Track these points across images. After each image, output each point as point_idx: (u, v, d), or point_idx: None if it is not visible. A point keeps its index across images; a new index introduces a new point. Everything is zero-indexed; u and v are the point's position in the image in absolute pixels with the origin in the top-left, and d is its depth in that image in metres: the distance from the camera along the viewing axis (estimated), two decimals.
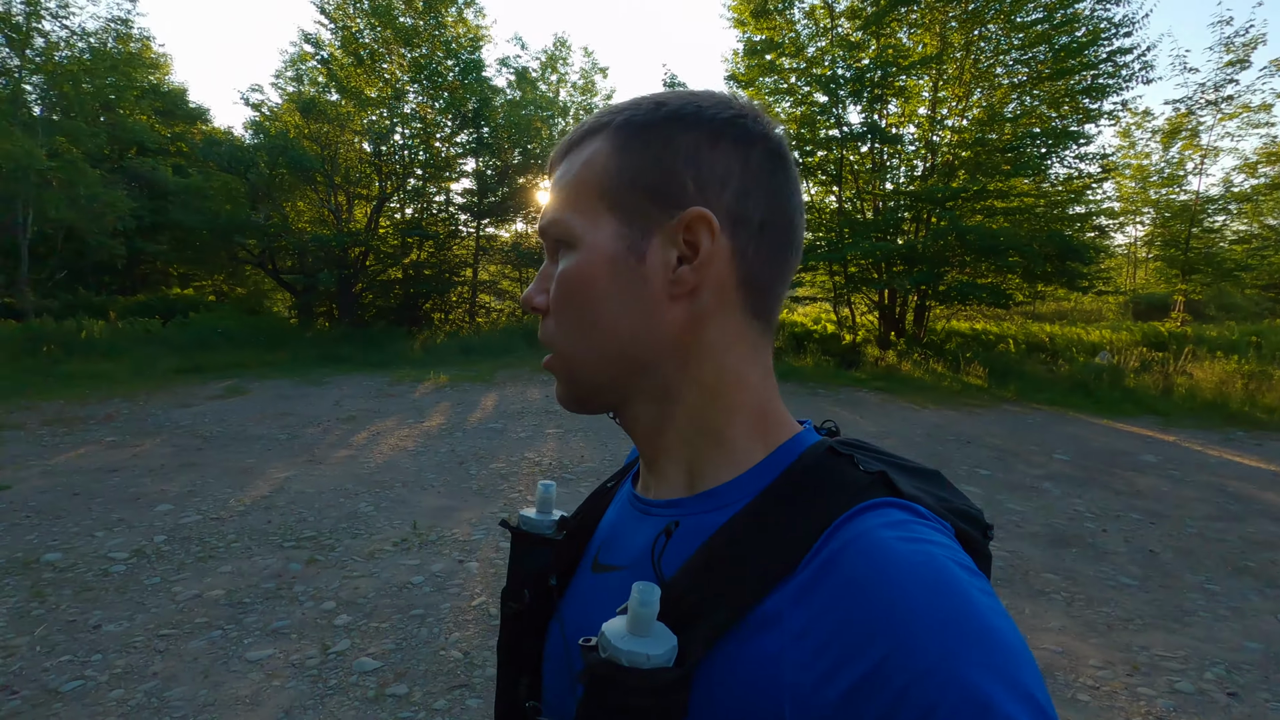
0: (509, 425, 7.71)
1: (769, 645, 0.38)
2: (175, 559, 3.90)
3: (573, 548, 0.58)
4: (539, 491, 0.63)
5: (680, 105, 0.49)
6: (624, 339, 0.48)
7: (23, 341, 12.26)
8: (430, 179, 18.40)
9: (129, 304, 17.45)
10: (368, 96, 16.96)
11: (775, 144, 0.50)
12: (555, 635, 0.55)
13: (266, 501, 4.91)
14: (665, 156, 0.47)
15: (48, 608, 3.31)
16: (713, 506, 0.47)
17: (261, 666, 2.84)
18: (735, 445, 0.49)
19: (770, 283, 0.50)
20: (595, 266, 0.48)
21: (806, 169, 14.17)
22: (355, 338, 15.58)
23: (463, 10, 17.87)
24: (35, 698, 2.61)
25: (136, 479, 5.43)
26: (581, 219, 0.49)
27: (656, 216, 0.47)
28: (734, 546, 0.43)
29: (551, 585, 0.56)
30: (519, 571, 0.59)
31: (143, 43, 20.46)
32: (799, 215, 0.51)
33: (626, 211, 0.48)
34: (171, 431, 7.27)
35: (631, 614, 0.39)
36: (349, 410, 8.53)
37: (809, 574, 0.39)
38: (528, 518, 0.61)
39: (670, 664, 0.38)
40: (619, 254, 0.48)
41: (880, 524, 0.39)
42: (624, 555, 0.52)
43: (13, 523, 4.42)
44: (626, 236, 0.48)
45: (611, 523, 0.57)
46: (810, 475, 0.45)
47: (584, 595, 0.54)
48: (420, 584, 3.62)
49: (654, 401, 0.50)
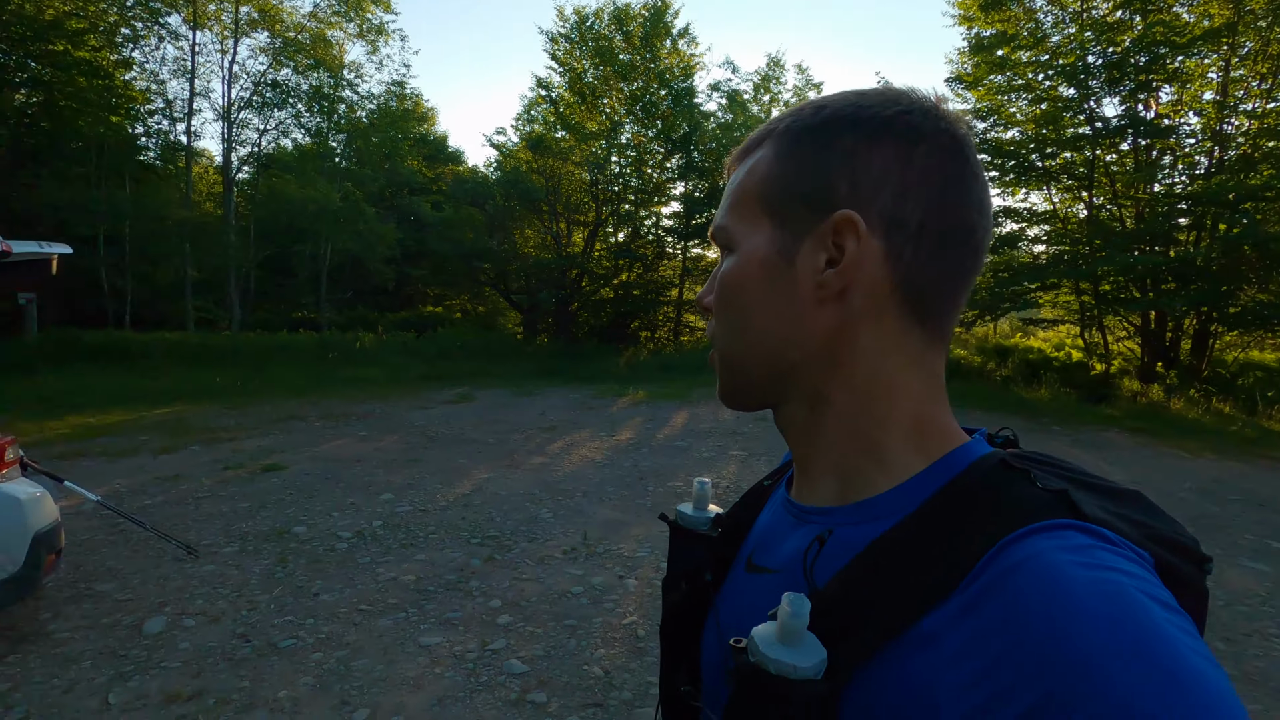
0: (694, 444, 7.72)
1: (924, 667, 0.37)
2: (385, 543, 4.45)
3: (727, 545, 0.60)
4: (695, 488, 0.66)
5: (841, 106, 0.49)
6: (775, 340, 0.50)
7: (316, 349, 15.11)
8: (641, 203, 19.36)
9: (393, 319, 20.69)
10: (588, 130, 18.36)
11: (948, 140, 0.47)
12: (711, 628, 0.56)
13: (465, 500, 5.43)
14: (822, 160, 0.48)
15: (287, 572, 3.96)
16: (867, 518, 0.46)
17: (430, 652, 3.10)
18: (890, 455, 0.48)
19: (935, 287, 0.48)
20: (749, 270, 0.50)
21: (1047, 173, 12.46)
22: (568, 353, 16.83)
23: (676, 42, 18.60)
24: (260, 648, 3.11)
25: (372, 470, 6.34)
26: (742, 225, 0.51)
27: (809, 221, 0.48)
28: (889, 561, 0.42)
29: (707, 581, 0.58)
30: (677, 564, 0.63)
31: (415, 100, 24.36)
32: (978, 215, 0.48)
33: (782, 217, 0.49)
34: (408, 430, 8.39)
35: (781, 623, 0.39)
36: (551, 420, 9.17)
37: (971, 595, 0.37)
38: (685, 513, 0.65)
39: (819, 677, 0.38)
40: (770, 258, 0.49)
41: (1056, 546, 0.36)
42: (776, 559, 0.52)
43: (280, 498, 5.39)
44: (779, 241, 0.49)
45: (766, 524, 0.58)
46: (976, 491, 0.43)
47: (737, 593, 0.55)
48: (578, 594, 3.71)
49: (805, 404, 0.51)
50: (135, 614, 3.42)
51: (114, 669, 2.93)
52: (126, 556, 4.15)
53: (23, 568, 2.88)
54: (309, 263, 19.09)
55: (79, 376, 11.54)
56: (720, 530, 0.62)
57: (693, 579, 0.59)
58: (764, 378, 0.52)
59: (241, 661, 2.99)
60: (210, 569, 3.98)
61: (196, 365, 13.39)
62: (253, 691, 2.77)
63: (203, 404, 10.27)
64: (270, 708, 2.66)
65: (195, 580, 3.82)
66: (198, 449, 7.18)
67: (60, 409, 9.35)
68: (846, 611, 0.41)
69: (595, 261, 18.79)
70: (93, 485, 5.38)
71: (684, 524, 0.64)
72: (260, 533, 4.59)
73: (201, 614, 3.43)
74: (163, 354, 13.86)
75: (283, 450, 7.10)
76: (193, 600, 3.58)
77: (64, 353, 13.03)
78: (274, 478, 6.00)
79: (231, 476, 6.03)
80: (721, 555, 0.60)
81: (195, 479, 5.93)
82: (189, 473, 6.14)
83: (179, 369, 12.99)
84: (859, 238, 0.46)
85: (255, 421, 8.87)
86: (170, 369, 12.91)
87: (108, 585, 3.75)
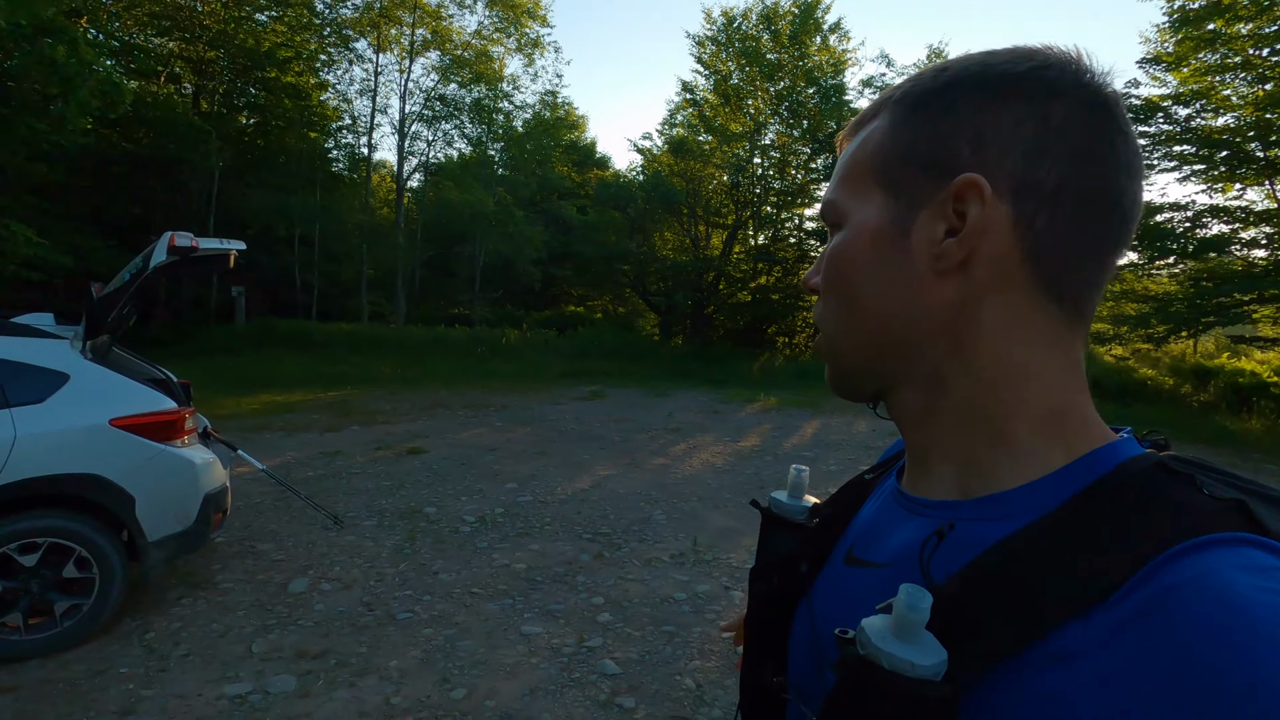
0: (822, 456, 7.36)
1: (1058, 685, 0.33)
2: (503, 530, 4.64)
3: (825, 536, 0.58)
4: (791, 475, 0.63)
5: (964, 67, 0.45)
6: (887, 319, 0.46)
7: (467, 343, 16.25)
8: (783, 205, 18.88)
9: (538, 318, 21.77)
10: (731, 132, 18.20)
11: (1090, 95, 0.42)
12: (804, 620, 0.54)
13: (583, 495, 5.54)
14: (943, 124, 0.44)
15: (414, 549, 4.24)
16: (993, 515, 0.42)
17: (529, 642, 3.16)
18: (1020, 446, 0.43)
19: (1073, 260, 0.43)
20: (858, 244, 0.47)
21: (1270, 165, 10.58)
22: (702, 355, 16.78)
23: (827, 38, 17.94)
24: (380, 618, 3.34)
25: (502, 459, 6.66)
26: (852, 198, 0.48)
27: (927, 188, 0.44)
28: (1022, 565, 0.38)
29: (802, 572, 0.56)
30: (768, 553, 0.61)
31: (567, 109, 25.48)
32: (1126, 178, 0.43)
33: (897, 186, 0.46)
34: (540, 424, 8.75)
35: (898, 616, 0.36)
36: (677, 422, 9.16)
37: (1124, 612, 0.33)
38: (779, 500, 0.62)
39: (938, 678, 0.35)
40: (882, 229, 0.46)
41: (1232, 564, 0.32)
42: (883, 553, 0.49)
43: (418, 480, 5.80)
44: (892, 210, 0.46)
45: (871, 518, 0.55)
46: (1131, 493, 0.38)
47: (835, 587, 0.53)
48: (681, 601, 3.63)
49: (922, 389, 0.47)
50: (285, 573, 3.82)
51: (260, 621, 3.27)
52: (285, 521, 4.65)
53: (194, 523, 3.30)
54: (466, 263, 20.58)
55: (273, 360, 13.23)
56: (817, 520, 0.59)
57: (785, 569, 0.57)
58: (876, 360, 0.48)
59: (364, 628, 3.23)
60: (350, 539, 4.36)
61: (367, 353, 14.88)
62: (368, 658, 2.97)
63: (367, 389, 11.37)
64: (380, 675, 2.84)
65: (336, 548, 4.19)
66: (357, 429, 7.95)
67: (255, 387, 10.76)
68: (969, 613, 0.37)
69: (733, 264, 18.58)
70: (270, 455, 6.12)
71: (778, 511, 0.62)
72: (396, 510, 4.96)
73: (337, 580, 3.76)
74: (340, 342, 15.57)
75: (426, 435, 7.66)
76: (331, 566, 3.93)
77: (263, 338, 15.03)
78: (415, 460, 6.48)
79: (380, 456, 6.59)
80: (818, 546, 0.57)
81: (351, 456, 6.55)
82: (347, 450, 6.80)
83: (352, 356, 14.50)
84: (983, 202, 0.41)
85: (408, 407, 9.67)
86: (345, 356, 14.45)
87: (267, 545, 4.22)
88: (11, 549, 2.88)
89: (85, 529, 3.01)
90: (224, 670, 2.85)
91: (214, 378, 10.65)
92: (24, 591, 2.92)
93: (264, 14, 17.72)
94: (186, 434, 3.39)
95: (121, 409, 3.14)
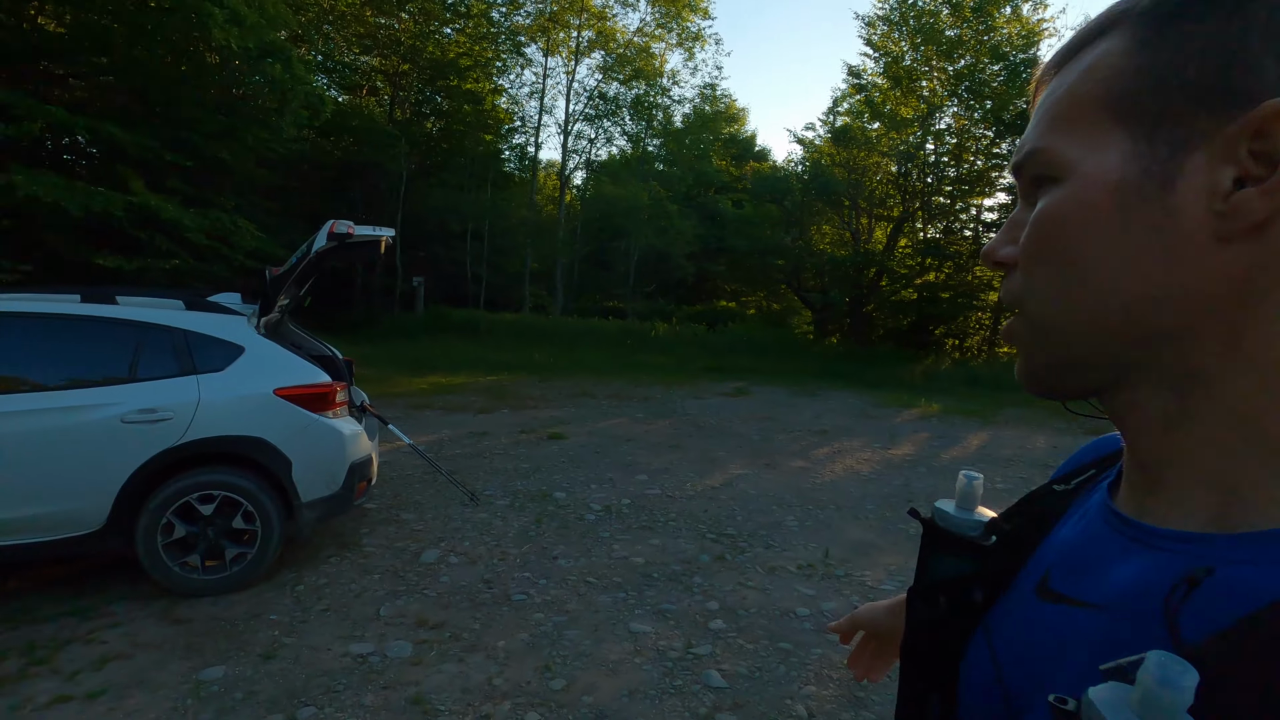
0: (988, 471, 6.56)
1: None
2: (627, 522, 4.59)
3: (1007, 558, 0.50)
4: (961, 483, 0.55)
5: None
6: (1131, 297, 0.37)
7: (618, 335, 16.67)
8: (959, 195, 17.27)
9: (689, 312, 21.81)
10: (902, 118, 16.96)
11: None
12: (981, 656, 0.46)
13: (712, 492, 5.36)
14: (1225, 36, 0.34)
15: (539, 532, 4.32)
16: (1272, 559, 0.33)
17: (636, 640, 3.06)
18: None
19: None
20: (1090, 200, 0.37)
21: None
22: (858, 356, 15.86)
23: (1019, 8, 16.09)
24: (497, 596, 3.41)
25: (636, 450, 6.66)
26: (1074, 143, 0.38)
27: (1201, 124, 0.34)
28: None
29: (976, 600, 0.49)
30: (931, 572, 0.54)
31: (727, 102, 25.19)
32: None
33: (1148, 124, 0.36)
34: (679, 417, 8.68)
35: (1146, 694, 0.28)
36: (824, 424, 8.66)
37: None
38: (945, 512, 0.55)
39: None
40: (1129, 180, 0.36)
41: None
42: (1096, 591, 0.40)
43: (554, 465, 5.95)
44: (1144, 156, 0.36)
45: (1073, 540, 0.46)
46: None
47: (1023, 623, 0.44)
48: (804, 617, 3.35)
49: (1172, 387, 0.38)
50: (420, 543, 4.04)
51: (392, 586, 3.47)
52: (430, 494, 4.95)
53: (341, 489, 3.58)
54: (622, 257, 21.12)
55: (444, 345, 14.41)
56: (996, 539, 0.52)
57: (955, 594, 0.50)
58: (1104, 349, 0.39)
59: (480, 605, 3.31)
60: (483, 516, 4.54)
61: (525, 342, 15.75)
62: (479, 634, 3.03)
63: (521, 375, 11.99)
64: (487, 653, 2.88)
65: (469, 524, 4.38)
66: (506, 413, 8.36)
67: (425, 370, 11.75)
68: (1242, 696, 0.29)
69: (897, 259, 17.30)
70: (425, 432, 6.59)
71: (943, 524, 0.54)
72: (529, 492, 5.10)
73: (464, 555, 3.91)
74: (503, 331, 16.64)
75: (568, 422, 7.88)
76: (461, 541, 4.10)
77: (438, 325, 16.45)
78: (554, 445, 6.67)
79: (523, 439, 6.86)
80: (995, 570, 0.49)
81: (496, 437, 6.89)
82: (494, 431, 7.16)
83: (512, 344, 15.41)
84: None
85: (555, 394, 10.04)
86: (506, 343, 15.40)
87: (409, 515, 4.51)
88: (194, 498, 3.28)
89: (251, 485, 3.36)
90: (353, 629, 3.04)
91: (392, 359, 11.79)
92: (202, 536, 3.31)
93: (449, 27, 19.32)
94: (338, 406, 3.67)
95: (284, 380, 3.46)
